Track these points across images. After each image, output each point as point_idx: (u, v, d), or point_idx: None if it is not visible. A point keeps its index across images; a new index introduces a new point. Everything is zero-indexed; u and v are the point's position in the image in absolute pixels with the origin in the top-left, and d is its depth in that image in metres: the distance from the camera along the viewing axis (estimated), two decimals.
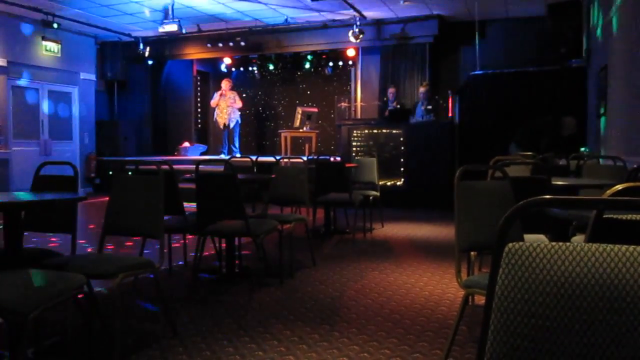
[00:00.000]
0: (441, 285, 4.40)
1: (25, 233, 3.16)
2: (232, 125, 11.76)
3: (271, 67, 14.01)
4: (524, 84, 9.10)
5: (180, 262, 5.12)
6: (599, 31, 7.78)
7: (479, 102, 9.26)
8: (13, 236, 2.84)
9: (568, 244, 0.98)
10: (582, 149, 7.38)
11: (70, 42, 11.76)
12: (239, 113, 11.93)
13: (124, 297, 3.97)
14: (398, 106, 10.19)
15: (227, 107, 11.64)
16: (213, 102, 11.84)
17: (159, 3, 9.87)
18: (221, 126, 11.76)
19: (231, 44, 11.72)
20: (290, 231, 4.87)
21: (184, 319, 3.51)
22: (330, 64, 13.27)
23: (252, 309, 3.75)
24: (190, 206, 4.25)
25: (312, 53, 13.00)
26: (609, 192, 1.42)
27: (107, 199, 3.35)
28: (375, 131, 9.69)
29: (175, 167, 4.64)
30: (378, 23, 10.92)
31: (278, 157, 6.40)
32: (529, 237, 3.13)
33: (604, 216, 1.48)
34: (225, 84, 11.79)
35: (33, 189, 3.42)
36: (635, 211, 1.52)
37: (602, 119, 7.20)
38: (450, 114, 9.72)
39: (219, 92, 11.75)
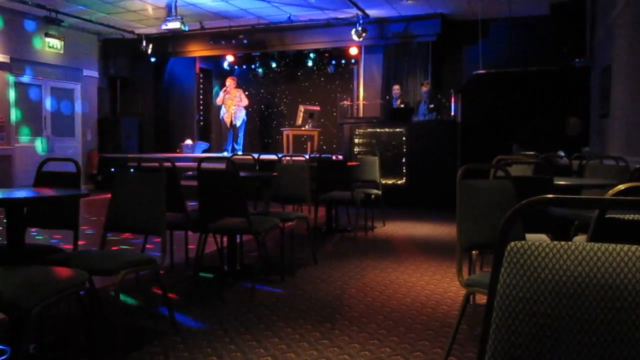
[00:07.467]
0: (442, 284, 4.40)
1: (28, 229, 3.17)
2: (238, 124, 11.67)
3: (274, 65, 14.01)
4: (526, 84, 9.08)
5: (182, 260, 5.13)
6: (602, 31, 7.76)
7: (482, 101, 9.25)
8: (16, 232, 2.84)
9: (570, 243, 0.98)
10: (586, 148, 7.36)
11: (73, 38, 11.77)
12: (245, 112, 11.81)
13: (125, 293, 3.98)
14: (402, 105, 10.17)
15: (233, 106, 11.56)
16: (218, 100, 11.80)
17: (163, 0, 9.88)
18: (228, 125, 11.70)
19: (234, 41, 11.72)
20: (292, 229, 4.88)
21: (186, 316, 3.52)
22: (333, 62, 13.27)
23: (254, 306, 3.76)
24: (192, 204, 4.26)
25: (315, 51, 13.00)
26: (611, 192, 1.41)
27: (109, 195, 3.36)
28: (377, 130, 9.68)
29: (177, 164, 4.65)
30: (381, 21, 10.90)
31: (280, 155, 6.39)
32: (530, 237, 3.13)
33: (606, 216, 1.48)
34: (230, 82, 11.67)
35: (36, 185, 3.43)
36: (638, 211, 1.52)
37: (605, 119, 7.18)
38: (452, 113, 9.72)
39: (224, 90, 11.71)
